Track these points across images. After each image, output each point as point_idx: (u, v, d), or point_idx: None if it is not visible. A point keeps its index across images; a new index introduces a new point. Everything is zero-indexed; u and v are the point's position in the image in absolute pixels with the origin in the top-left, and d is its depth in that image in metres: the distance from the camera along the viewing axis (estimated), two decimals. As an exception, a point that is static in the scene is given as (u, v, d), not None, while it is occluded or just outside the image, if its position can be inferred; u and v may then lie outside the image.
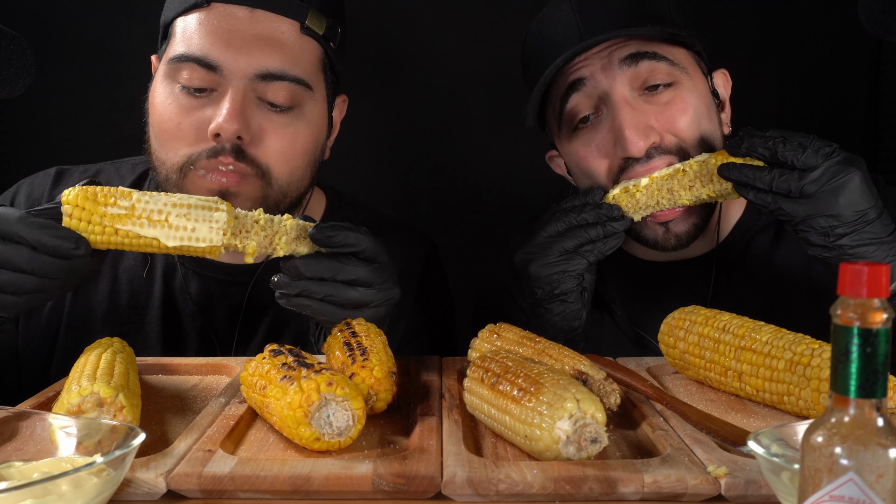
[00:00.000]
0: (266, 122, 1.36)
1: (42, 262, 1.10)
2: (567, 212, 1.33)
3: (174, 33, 1.40)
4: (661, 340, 1.22)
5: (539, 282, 1.33)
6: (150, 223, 1.11)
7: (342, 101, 1.55)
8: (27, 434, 0.88)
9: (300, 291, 1.17)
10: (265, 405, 0.95)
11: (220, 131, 1.32)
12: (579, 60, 1.38)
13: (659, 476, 0.81)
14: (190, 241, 1.12)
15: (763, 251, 1.51)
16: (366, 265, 1.18)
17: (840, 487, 0.59)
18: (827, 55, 2.14)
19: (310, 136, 1.42)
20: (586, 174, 1.43)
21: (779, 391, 1.03)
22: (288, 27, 1.38)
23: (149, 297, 1.50)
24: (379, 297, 1.20)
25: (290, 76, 1.37)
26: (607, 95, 1.37)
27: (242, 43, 1.35)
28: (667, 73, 1.37)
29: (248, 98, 1.34)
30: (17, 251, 1.10)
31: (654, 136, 1.35)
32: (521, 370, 0.92)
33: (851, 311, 0.60)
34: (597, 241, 1.32)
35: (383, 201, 1.74)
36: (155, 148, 1.39)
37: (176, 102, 1.36)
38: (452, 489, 0.81)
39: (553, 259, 1.32)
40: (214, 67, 1.34)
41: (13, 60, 1.27)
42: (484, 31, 2.17)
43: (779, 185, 1.22)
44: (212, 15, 1.37)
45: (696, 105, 1.38)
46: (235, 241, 1.15)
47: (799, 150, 1.21)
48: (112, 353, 1.10)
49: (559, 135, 1.47)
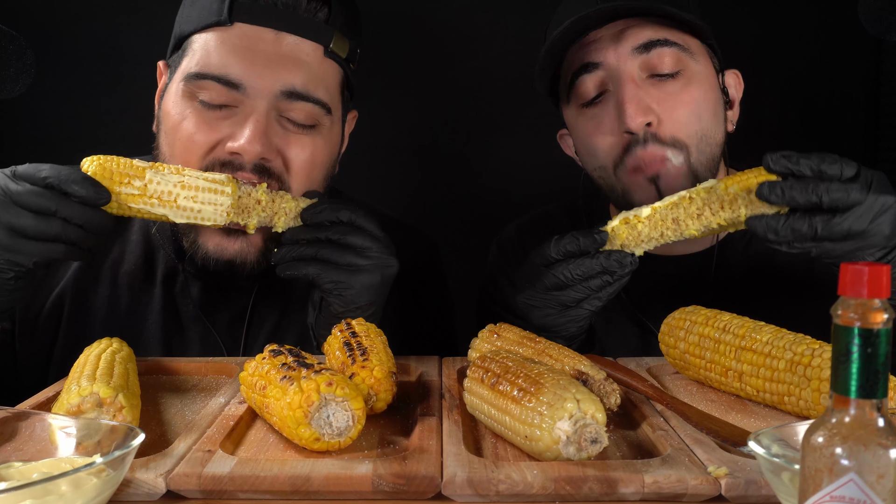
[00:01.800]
0: (285, 140, 1.35)
1: (65, 205, 1.16)
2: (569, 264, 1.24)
3: (192, 48, 1.37)
4: (662, 340, 1.22)
5: (544, 327, 1.30)
6: (161, 203, 1.22)
7: (352, 117, 1.55)
8: (27, 434, 0.88)
9: (298, 254, 1.25)
10: (265, 405, 0.95)
11: (243, 152, 1.31)
12: (593, 38, 1.40)
13: (659, 476, 0.81)
14: (196, 220, 1.24)
15: (765, 247, 1.51)
16: (360, 233, 1.25)
17: (841, 488, 0.59)
18: (827, 55, 2.14)
19: (326, 155, 1.42)
20: (590, 151, 1.45)
21: (779, 391, 1.03)
22: (312, 49, 1.36)
23: (149, 301, 1.49)
24: (373, 262, 1.25)
25: (313, 98, 1.35)
26: (616, 74, 1.39)
27: (266, 61, 1.33)
28: (677, 58, 1.38)
29: (270, 118, 1.33)
30: (41, 195, 1.15)
31: (651, 115, 1.36)
32: (522, 370, 0.92)
33: (852, 312, 0.60)
34: (601, 290, 1.26)
35: (383, 201, 1.74)
36: (167, 157, 1.38)
37: (193, 116, 1.34)
38: (452, 489, 0.81)
39: (555, 310, 1.29)
40: (237, 86, 1.32)
41: (13, 60, 1.28)
42: (488, 33, 2.17)
43: (823, 235, 1.14)
44: (234, 34, 1.34)
45: (700, 100, 1.39)
46: (238, 219, 1.26)
47: (841, 189, 1.12)
48: (112, 354, 1.10)
49: (567, 106, 1.48)
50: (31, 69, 1.29)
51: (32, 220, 1.15)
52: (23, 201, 1.15)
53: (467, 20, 2.18)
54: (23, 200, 1.15)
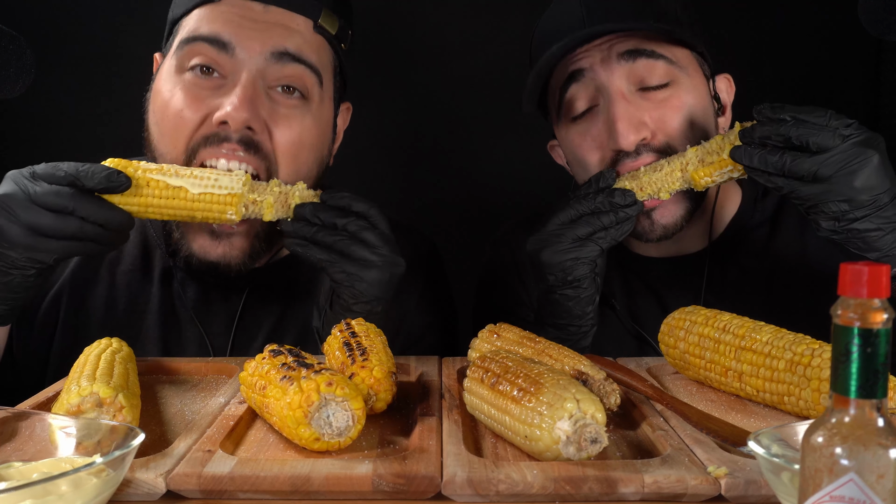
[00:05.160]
0: (274, 112, 1.35)
1: (83, 203, 1.18)
2: (579, 199, 1.33)
3: (182, 27, 1.39)
4: (662, 341, 1.22)
5: (552, 268, 1.33)
6: (178, 175, 1.24)
7: (346, 108, 1.54)
8: (27, 434, 0.88)
9: (310, 237, 1.26)
10: (265, 405, 0.95)
11: (229, 119, 1.30)
12: (580, 52, 1.39)
13: (659, 476, 0.81)
14: (213, 189, 1.24)
15: (759, 247, 1.51)
16: (373, 229, 1.26)
17: (840, 488, 0.59)
18: (827, 55, 2.14)
19: (316, 132, 1.41)
20: (580, 164, 1.45)
21: (779, 391, 1.03)
22: (302, 22, 1.38)
23: (146, 301, 1.49)
24: (384, 260, 1.27)
25: (306, 60, 1.36)
26: (604, 88, 1.38)
27: (256, 25, 1.35)
28: (664, 71, 1.38)
29: (258, 87, 1.33)
30: (60, 192, 1.17)
31: (645, 131, 1.36)
32: (521, 370, 0.92)
33: (852, 312, 0.60)
34: (609, 227, 1.32)
35: (381, 201, 1.74)
36: (155, 140, 1.38)
37: (183, 90, 1.34)
38: (452, 489, 0.81)
39: (566, 246, 1.32)
40: (226, 45, 1.33)
41: (13, 60, 1.28)
42: (483, 32, 2.17)
43: (791, 169, 1.18)
44: (223, 7, 1.36)
45: (691, 106, 1.39)
46: (254, 195, 1.26)
47: (814, 130, 1.17)
48: (112, 353, 1.10)
49: (558, 122, 1.48)
50: (31, 69, 1.29)
51: (51, 219, 1.17)
52: (42, 200, 1.17)
53: (465, 20, 2.18)
54: (42, 200, 1.17)
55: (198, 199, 1.24)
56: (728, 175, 1.29)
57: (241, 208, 1.25)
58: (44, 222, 1.17)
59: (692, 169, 1.30)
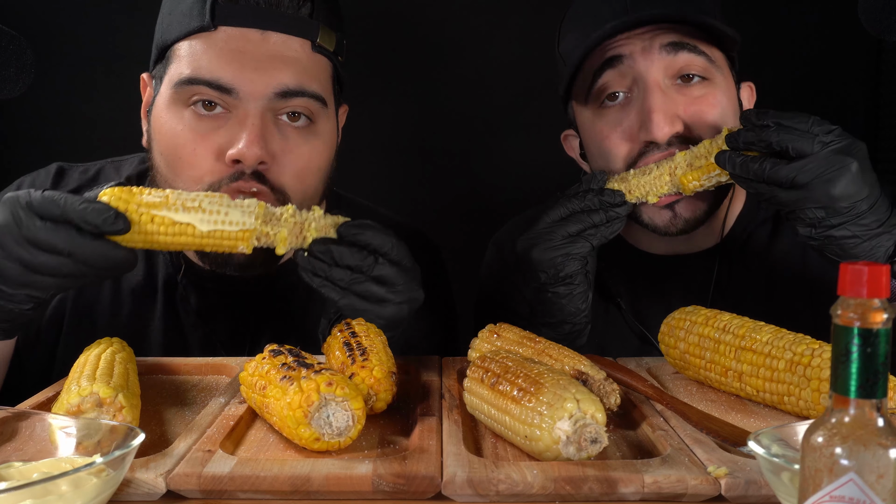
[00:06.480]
0: (283, 142, 1.33)
1: (80, 246, 1.09)
2: (570, 198, 1.34)
3: (177, 56, 1.35)
4: (662, 341, 1.22)
5: (543, 265, 1.33)
6: (185, 209, 1.13)
7: (343, 110, 1.54)
8: (27, 434, 0.88)
9: (327, 275, 1.19)
10: (265, 405, 0.95)
11: (242, 158, 1.29)
12: (621, 38, 1.38)
13: (659, 476, 0.81)
14: (223, 225, 1.13)
15: (761, 245, 1.51)
16: (392, 265, 1.19)
17: (840, 488, 0.59)
18: (827, 55, 2.14)
19: (324, 154, 1.40)
20: (603, 155, 1.43)
21: (779, 391, 1.03)
22: (300, 46, 1.35)
23: (151, 307, 1.48)
24: (401, 297, 1.20)
25: (309, 92, 1.34)
26: (642, 78, 1.37)
27: (256, 63, 1.31)
28: (703, 68, 1.38)
29: (266, 120, 1.32)
30: (56, 231, 1.09)
31: (679, 124, 1.36)
32: (521, 370, 0.92)
33: (852, 311, 0.60)
34: (600, 225, 1.32)
35: (383, 201, 1.74)
36: (165, 174, 1.35)
37: (187, 127, 1.32)
38: (452, 489, 0.81)
39: (556, 242, 1.33)
40: (229, 90, 1.30)
41: (13, 60, 1.27)
42: (483, 32, 2.17)
43: (770, 176, 1.19)
44: (219, 38, 1.32)
45: (724, 105, 1.39)
46: (267, 227, 1.16)
47: (795, 136, 1.18)
48: (112, 353, 1.10)
49: (584, 107, 1.46)
50: (31, 69, 1.29)
51: (47, 259, 1.10)
52: (36, 239, 1.09)
53: (467, 20, 2.18)
54: (36, 239, 1.09)
55: (207, 236, 1.14)
56: (716, 179, 1.29)
57: (252, 241, 1.16)
58: (39, 261, 1.10)
59: (681, 173, 1.30)
